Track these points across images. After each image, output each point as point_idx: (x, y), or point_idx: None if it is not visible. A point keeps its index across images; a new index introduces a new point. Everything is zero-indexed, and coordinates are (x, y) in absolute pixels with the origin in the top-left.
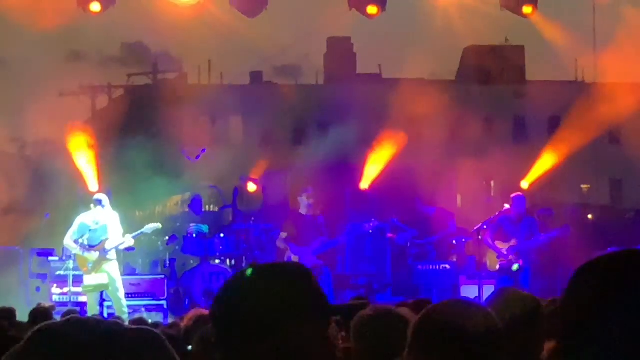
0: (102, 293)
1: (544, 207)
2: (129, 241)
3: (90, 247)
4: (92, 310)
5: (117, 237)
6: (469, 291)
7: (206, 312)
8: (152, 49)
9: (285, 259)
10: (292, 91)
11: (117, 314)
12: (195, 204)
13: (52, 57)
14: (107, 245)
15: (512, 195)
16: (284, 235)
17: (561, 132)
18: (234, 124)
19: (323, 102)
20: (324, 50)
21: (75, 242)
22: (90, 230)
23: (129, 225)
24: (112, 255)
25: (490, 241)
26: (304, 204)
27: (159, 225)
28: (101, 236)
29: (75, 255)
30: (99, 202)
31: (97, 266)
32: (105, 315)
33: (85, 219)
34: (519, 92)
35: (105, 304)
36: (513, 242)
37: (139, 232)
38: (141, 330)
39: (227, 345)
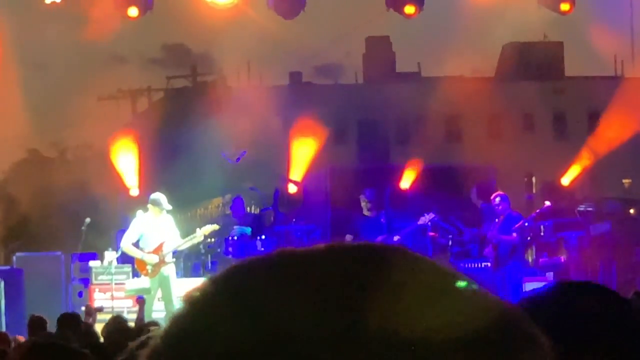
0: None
1: (585, 203)
2: (200, 236)
3: (148, 251)
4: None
5: (175, 239)
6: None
7: None
8: (192, 50)
9: None
10: (331, 91)
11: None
12: (237, 206)
13: (92, 62)
14: (165, 248)
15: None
16: (349, 238)
17: (601, 127)
18: (274, 125)
19: (363, 102)
20: (362, 50)
21: (134, 245)
22: (147, 233)
23: None
24: (170, 257)
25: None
26: (364, 206)
27: (216, 227)
28: (159, 239)
29: (134, 259)
30: (157, 202)
31: (156, 269)
32: None
33: (142, 221)
34: (558, 88)
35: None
36: None
37: (198, 233)
38: None
39: None
